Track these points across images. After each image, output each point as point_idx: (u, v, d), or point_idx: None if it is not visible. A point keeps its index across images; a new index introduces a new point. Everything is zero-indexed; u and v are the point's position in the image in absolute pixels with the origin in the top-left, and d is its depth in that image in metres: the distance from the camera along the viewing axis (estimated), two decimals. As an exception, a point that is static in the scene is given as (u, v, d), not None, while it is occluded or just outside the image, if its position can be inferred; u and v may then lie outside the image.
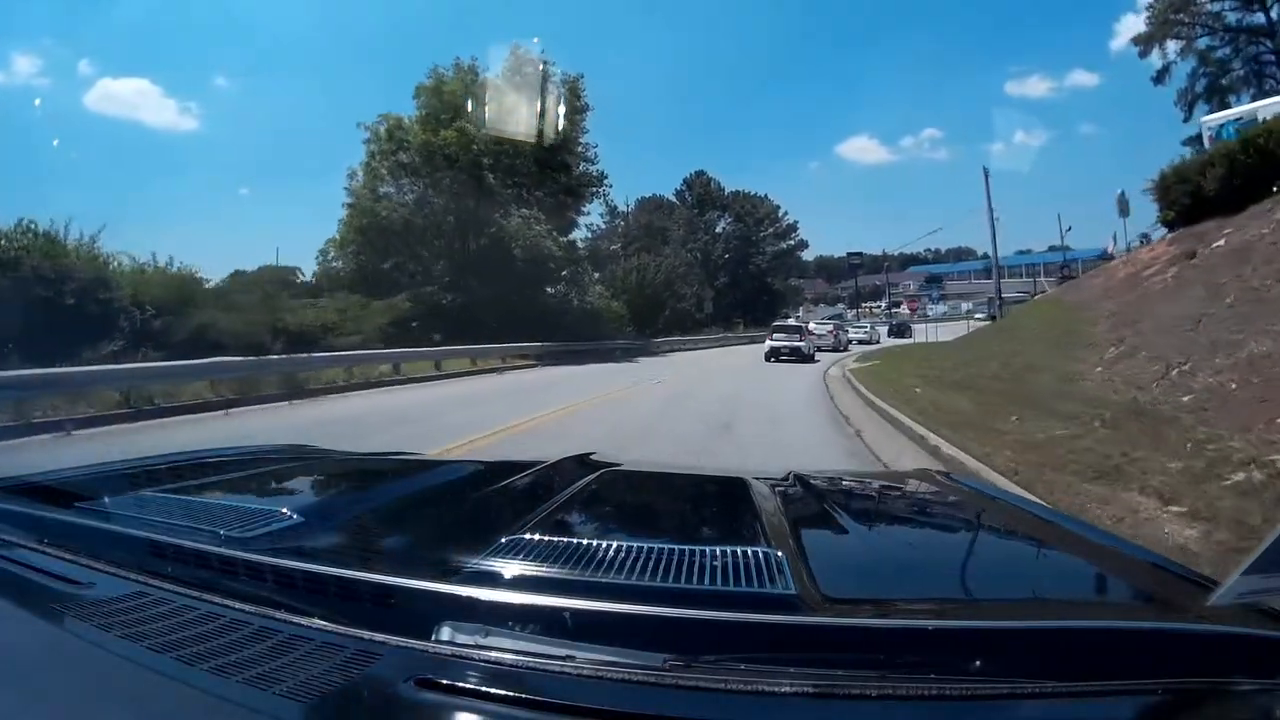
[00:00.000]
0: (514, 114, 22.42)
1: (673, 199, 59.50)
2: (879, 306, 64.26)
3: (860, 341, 32.67)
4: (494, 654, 0.64)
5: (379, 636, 0.67)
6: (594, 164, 29.67)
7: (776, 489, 1.32)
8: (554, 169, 27.34)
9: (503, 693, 0.59)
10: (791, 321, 30.84)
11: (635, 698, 0.58)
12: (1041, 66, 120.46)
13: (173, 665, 0.64)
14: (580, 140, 28.87)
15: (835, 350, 27.41)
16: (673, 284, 41.25)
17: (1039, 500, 3.34)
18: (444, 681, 0.60)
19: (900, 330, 31.00)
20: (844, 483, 1.65)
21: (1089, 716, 0.60)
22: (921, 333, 36.34)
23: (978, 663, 0.61)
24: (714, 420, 8.67)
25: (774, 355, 21.36)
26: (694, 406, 10.31)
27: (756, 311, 54.41)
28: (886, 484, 1.76)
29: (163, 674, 0.63)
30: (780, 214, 61.64)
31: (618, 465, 1.66)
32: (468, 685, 0.60)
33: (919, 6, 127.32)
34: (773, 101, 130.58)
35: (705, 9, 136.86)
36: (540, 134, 22.14)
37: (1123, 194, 36.10)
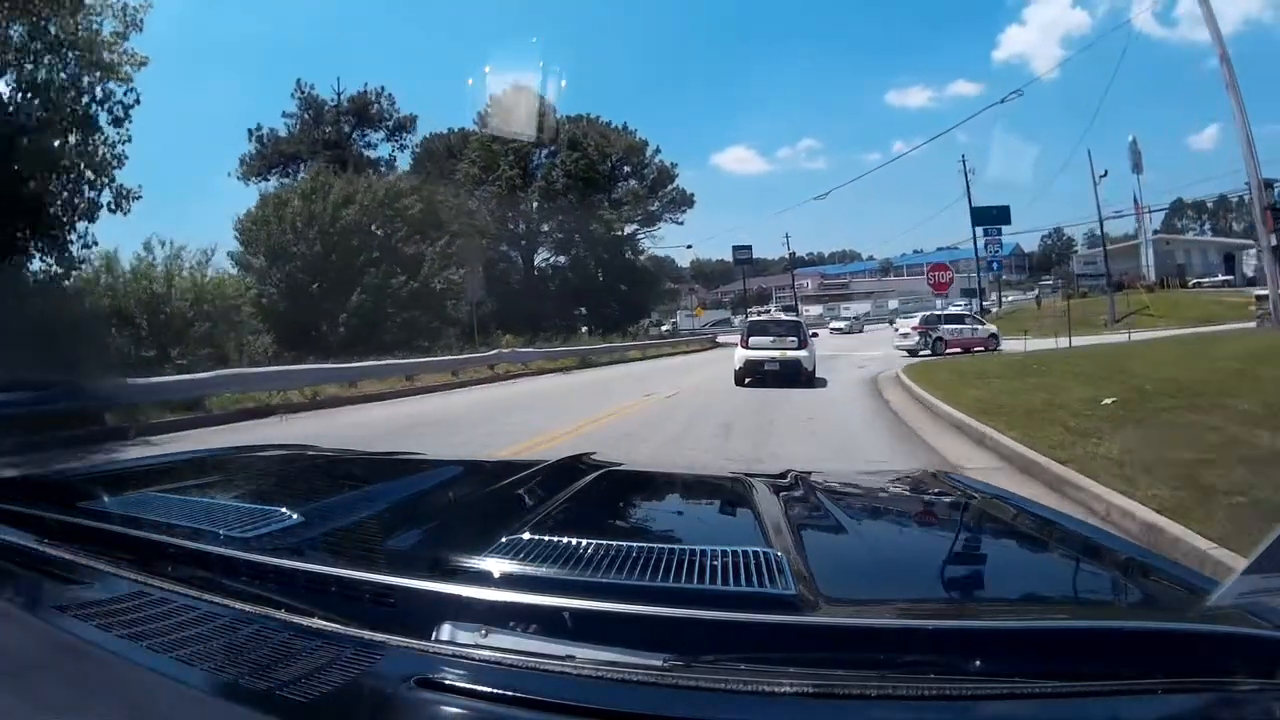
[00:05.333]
0: None
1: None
2: (766, 310, 53.55)
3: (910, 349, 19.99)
4: (494, 654, 0.64)
5: (379, 636, 0.67)
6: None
7: (776, 489, 1.32)
8: None
9: (502, 692, 0.59)
10: (781, 314, 19.04)
11: (635, 698, 0.58)
12: (923, 78, 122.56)
13: (173, 665, 0.64)
14: None
15: (913, 353, 17.28)
16: (395, 243, 19.40)
17: (1039, 500, 3.32)
18: (444, 681, 0.60)
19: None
20: (844, 483, 1.65)
21: (1089, 716, 0.60)
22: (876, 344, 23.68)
23: (978, 663, 0.61)
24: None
25: (752, 374, 12.26)
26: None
27: (608, 307, 32.88)
28: (887, 484, 1.76)
29: (163, 674, 0.63)
30: (649, 154, 37.15)
31: (618, 465, 1.67)
32: (468, 685, 0.60)
33: (802, 20, 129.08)
34: (649, 108, 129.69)
35: (578, 24, 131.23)
36: None
37: (1134, 142, 29.00)
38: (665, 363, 22.54)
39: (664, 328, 42.46)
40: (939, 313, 22.41)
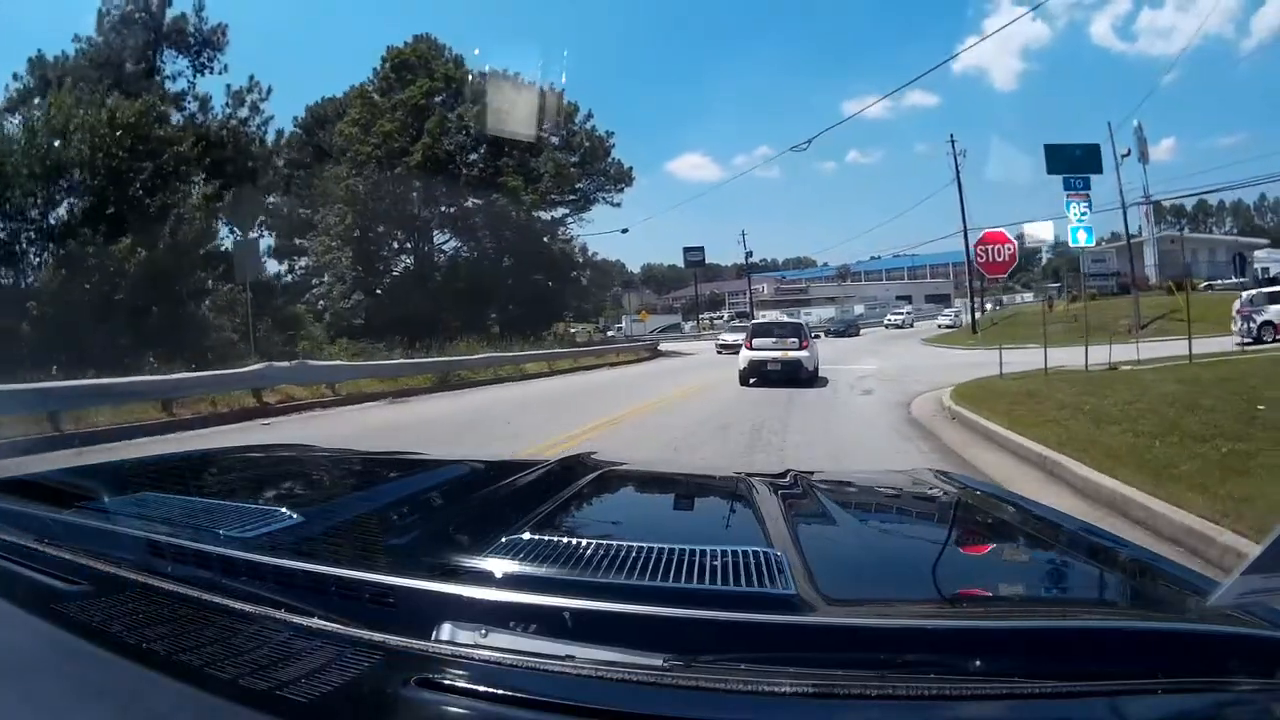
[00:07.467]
0: None
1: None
2: (720, 317, 52.46)
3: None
4: (494, 654, 0.64)
5: (379, 636, 0.67)
6: None
7: (776, 489, 1.32)
8: None
9: (503, 692, 0.59)
10: (783, 316, 17.08)
11: (635, 698, 0.58)
12: (880, 88, 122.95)
13: (173, 665, 0.64)
14: None
15: (1259, 340, 13.75)
16: (131, 194, 12.44)
17: (1040, 500, 3.32)
18: (444, 681, 0.60)
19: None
20: (844, 482, 1.65)
21: (1089, 716, 0.60)
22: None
23: (978, 662, 0.61)
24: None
25: (755, 374, 12.70)
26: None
27: (521, 306, 26.38)
28: (887, 483, 1.76)
29: (162, 674, 0.63)
30: (582, 120, 29.83)
31: (618, 465, 1.67)
32: (468, 685, 0.60)
33: (760, 26, 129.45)
34: (601, 110, 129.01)
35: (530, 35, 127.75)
36: None
37: (1139, 127, 26.08)
38: (580, 380, 16.19)
39: (609, 333, 38.74)
40: (1268, 290, 16.93)
